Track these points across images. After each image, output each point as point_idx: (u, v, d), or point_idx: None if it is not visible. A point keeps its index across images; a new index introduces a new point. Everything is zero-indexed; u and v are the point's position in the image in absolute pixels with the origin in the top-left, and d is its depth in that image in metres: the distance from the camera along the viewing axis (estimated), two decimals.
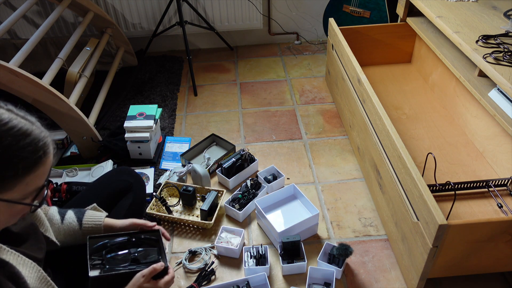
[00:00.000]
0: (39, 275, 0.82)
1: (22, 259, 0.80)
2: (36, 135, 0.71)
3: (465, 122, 1.80)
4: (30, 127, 0.71)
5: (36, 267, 0.83)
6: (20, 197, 0.71)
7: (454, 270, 1.25)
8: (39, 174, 0.72)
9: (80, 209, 1.12)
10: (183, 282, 1.39)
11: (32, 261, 0.82)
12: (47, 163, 0.73)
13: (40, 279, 0.82)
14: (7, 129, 0.68)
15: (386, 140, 1.42)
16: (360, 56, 2.23)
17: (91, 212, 1.12)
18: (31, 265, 0.82)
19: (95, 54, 2.15)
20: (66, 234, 1.07)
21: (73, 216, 1.09)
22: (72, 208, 1.12)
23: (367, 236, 1.52)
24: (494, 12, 1.73)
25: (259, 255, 1.39)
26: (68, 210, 1.11)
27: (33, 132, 0.71)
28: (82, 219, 1.08)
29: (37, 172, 0.71)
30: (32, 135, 0.70)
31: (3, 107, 0.70)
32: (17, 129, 0.69)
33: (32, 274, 0.81)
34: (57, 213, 1.09)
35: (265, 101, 2.27)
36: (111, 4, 2.49)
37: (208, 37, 2.79)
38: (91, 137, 1.86)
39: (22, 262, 0.80)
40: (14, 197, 0.70)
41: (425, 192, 1.15)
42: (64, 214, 1.09)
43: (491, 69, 1.41)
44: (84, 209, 1.12)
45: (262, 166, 1.84)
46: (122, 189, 1.29)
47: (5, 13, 2.46)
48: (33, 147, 0.70)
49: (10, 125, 0.68)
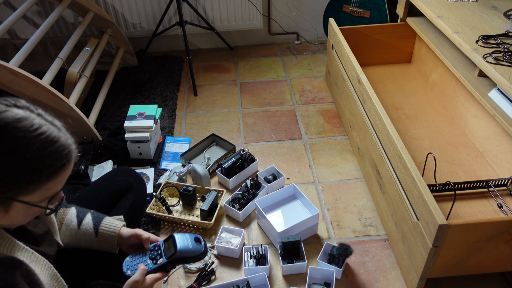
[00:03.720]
0: (51, 272, 0.84)
1: (36, 256, 0.82)
2: (62, 142, 0.73)
3: (465, 122, 1.80)
4: (58, 134, 0.73)
5: (48, 264, 0.84)
6: (39, 200, 0.73)
7: (454, 270, 1.25)
8: (61, 180, 0.74)
9: (99, 214, 1.11)
10: (183, 282, 1.39)
11: (44, 258, 0.84)
12: (68, 169, 0.75)
13: (51, 276, 0.84)
14: (37, 135, 0.69)
15: (386, 140, 1.42)
16: (360, 56, 2.23)
17: (109, 220, 1.10)
18: (43, 262, 0.83)
19: (95, 54, 2.15)
20: (81, 239, 1.07)
21: (91, 222, 1.07)
22: (91, 212, 1.10)
23: (367, 236, 1.52)
24: (494, 12, 1.73)
25: (259, 255, 1.39)
26: (87, 214, 1.09)
27: (60, 139, 0.73)
28: (99, 226, 1.07)
29: (59, 178, 0.74)
30: (59, 142, 0.72)
31: (34, 111, 0.72)
32: (46, 135, 0.70)
33: (44, 272, 0.82)
34: (75, 218, 1.07)
35: (265, 101, 2.28)
36: (111, 4, 2.49)
37: (208, 37, 2.79)
38: (92, 137, 1.86)
39: (35, 260, 0.82)
40: (33, 200, 0.73)
41: (425, 192, 1.15)
42: (82, 219, 1.08)
43: (491, 69, 1.41)
44: (104, 216, 1.11)
45: (262, 166, 1.84)
46: (123, 189, 1.29)
47: (5, 13, 2.46)
48: (58, 154, 0.72)
49: (40, 131, 0.70)
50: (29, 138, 0.69)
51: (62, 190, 0.78)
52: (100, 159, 1.83)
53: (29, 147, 0.68)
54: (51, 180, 0.72)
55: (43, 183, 0.71)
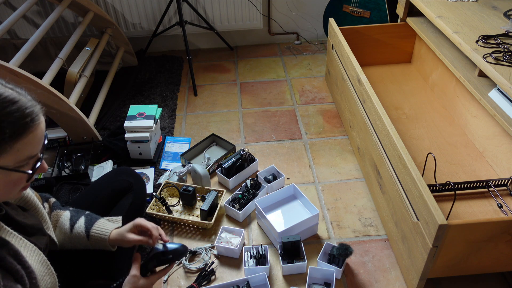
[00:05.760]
0: (40, 259, 0.85)
1: (24, 242, 0.83)
2: (23, 102, 0.74)
3: (465, 122, 1.80)
4: (17, 96, 0.74)
5: (37, 250, 0.85)
6: (14, 164, 0.74)
7: (454, 270, 1.25)
8: (30, 141, 0.74)
9: (93, 216, 1.10)
10: (183, 282, 1.39)
11: (33, 245, 0.84)
12: (37, 130, 0.75)
13: (41, 262, 0.84)
14: None
15: (386, 140, 1.42)
16: (360, 56, 2.23)
17: (102, 222, 1.10)
18: (32, 248, 0.84)
19: (95, 54, 2.15)
20: (75, 242, 1.07)
21: (83, 226, 1.07)
22: (85, 214, 1.10)
23: (367, 236, 1.52)
24: (494, 12, 1.73)
25: (259, 255, 1.39)
26: (80, 218, 1.09)
27: (20, 101, 0.74)
28: (90, 230, 1.07)
29: (27, 139, 0.74)
30: (20, 103, 0.73)
31: None
32: (4, 97, 0.72)
33: (34, 257, 0.83)
34: (68, 221, 1.08)
35: (265, 101, 2.28)
36: (111, 4, 2.49)
37: (208, 37, 2.79)
38: (92, 137, 1.86)
39: (23, 245, 0.82)
40: (8, 165, 0.73)
41: (425, 192, 1.15)
42: (75, 222, 1.08)
43: (491, 69, 1.41)
44: (97, 218, 1.10)
45: (262, 166, 1.84)
46: (123, 189, 1.29)
47: (5, 13, 2.47)
48: (20, 113, 0.72)
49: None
50: None
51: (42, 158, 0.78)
52: (100, 159, 1.83)
53: None
54: (19, 140, 0.72)
55: (9, 142, 0.71)
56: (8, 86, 0.75)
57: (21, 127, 0.73)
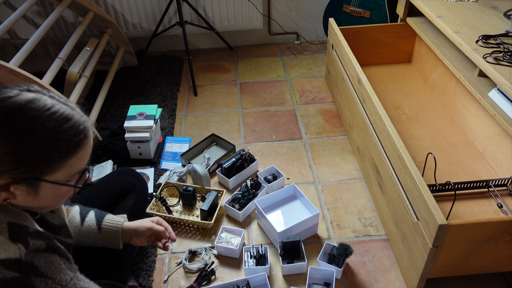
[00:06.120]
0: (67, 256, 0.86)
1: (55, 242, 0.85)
2: (77, 119, 0.76)
3: (465, 122, 1.80)
4: (71, 112, 0.76)
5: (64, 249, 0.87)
6: (65, 179, 0.76)
7: (454, 270, 1.25)
8: (81, 156, 0.77)
9: (102, 211, 1.14)
10: (183, 282, 1.39)
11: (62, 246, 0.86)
12: (88, 145, 0.78)
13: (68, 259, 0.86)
14: (51, 113, 0.72)
15: (386, 140, 1.42)
16: (360, 56, 2.23)
17: (111, 216, 1.13)
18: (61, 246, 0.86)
19: (95, 54, 2.15)
20: (85, 236, 1.09)
21: (94, 219, 1.10)
22: (94, 210, 1.13)
23: (367, 236, 1.52)
24: (494, 12, 1.73)
25: (259, 255, 1.39)
26: (90, 211, 1.12)
27: (74, 117, 0.75)
28: (101, 222, 1.10)
29: (79, 155, 0.76)
30: (73, 119, 0.75)
31: (46, 94, 0.75)
32: (60, 113, 0.73)
33: None
34: (78, 215, 1.10)
35: (265, 101, 2.28)
36: (111, 4, 2.49)
37: (208, 37, 2.79)
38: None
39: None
40: (60, 179, 0.76)
41: (425, 192, 1.15)
42: (85, 216, 1.10)
43: (491, 69, 1.41)
44: (106, 213, 1.14)
45: (262, 166, 1.84)
46: (125, 189, 1.30)
47: (5, 13, 2.46)
48: (75, 130, 0.75)
49: (53, 110, 0.73)
50: (44, 116, 0.71)
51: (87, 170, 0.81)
52: (100, 159, 1.83)
53: (44, 125, 0.71)
54: (72, 157, 0.75)
55: (64, 160, 0.74)
56: (61, 101, 0.76)
57: (75, 144, 0.75)
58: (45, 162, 0.72)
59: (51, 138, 0.72)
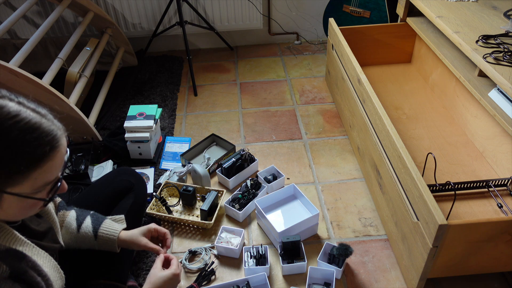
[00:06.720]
0: (52, 264, 0.85)
1: (37, 250, 0.82)
2: (45, 128, 0.70)
3: (465, 122, 1.80)
4: (39, 120, 0.70)
5: (49, 257, 0.85)
6: (29, 191, 0.70)
7: (454, 270, 1.25)
8: (47, 169, 0.71)
9: (99, 216, 1.11)
10: (183, 282, 1.39)
11: (45, 252, 0.84)
12: (55, 157, 0.71)
13: (53, 267, 0.85)
14: (15, 122, 0.66)
15: (386, 140, 1.42)
16: (360, 56, 2.23)
17: (109, 223, 1.10)
18: (44, 255, 0.84)
19: (95, 54, 2.15)
20: (81, 242, 1.08)
21: (90, 226, 1.07)
22: (91, 214, 1.11)
23: (367, 236, 1.52)
24: (494, 12, 1.73)
25: (259, 255, 1.39)
26: (87, 218, 1.09)
27: (42, 126, 0.69)
28: (98, 230, 1.07)
29: (45, 167, 0.70)
30: (41, 129, 0.69)
31: (14, 100, 0.69)
32: (25, 122, 0.67)
33: (47, 263, 0.83)
34: (74, 221, 1.08)
35: (265, 101, 2.28)
36: (111, 4, 2.49)
37: (208, 37, 2.79)
38: (91, 137, 1.86)
39: (37, 253, 0.82)
40: (24, 191, 0.70)
41: (425, 192, 1.15)
42: (82, 222, 1.08)
43: (491, 69, 1.41)
44: (103, 218, 1.11)
45: (262, 166, 1.84)
46: (124, 189, 1.29)
47: (5, 13, 2.46)
48: (39, 141, 0.68)
49: (18, 118, 0.67)
50: (6, 125, 0.66)
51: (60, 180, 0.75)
52: (100, 159, 1.83)
53: (6, 135, 0.65)
54: (35, 170, 0.69)
55: (26, 173, 0.68)
56: (30, 107, 0.70)
57: (39, 156, 0.69)
58: (6, 174, 0.66)
59: (12, 150, 0.66)
